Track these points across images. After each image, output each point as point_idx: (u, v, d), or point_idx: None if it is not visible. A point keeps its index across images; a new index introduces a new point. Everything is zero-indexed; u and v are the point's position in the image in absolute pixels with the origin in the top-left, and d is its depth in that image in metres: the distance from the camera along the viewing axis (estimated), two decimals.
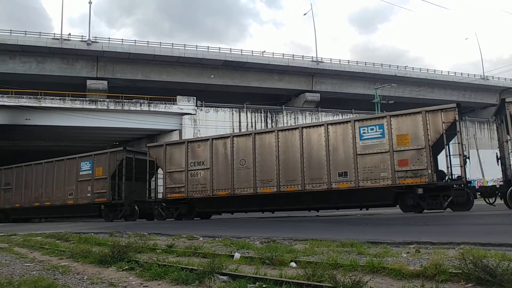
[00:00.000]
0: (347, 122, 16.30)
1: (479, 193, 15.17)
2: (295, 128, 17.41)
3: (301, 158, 16.72)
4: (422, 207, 14.66)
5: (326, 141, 16.30)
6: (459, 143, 14.86)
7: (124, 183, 21.08)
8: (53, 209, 23.93)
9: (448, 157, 15.30)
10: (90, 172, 22.14)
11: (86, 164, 22.50)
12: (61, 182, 23.42)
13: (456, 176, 14.81)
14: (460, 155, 14.75)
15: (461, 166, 14.54)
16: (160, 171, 20.50)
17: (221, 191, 18.39)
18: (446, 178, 14.97)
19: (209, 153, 18.77)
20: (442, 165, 15.70)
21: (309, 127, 17.33)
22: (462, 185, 14.42)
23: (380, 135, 15.43)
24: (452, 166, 15.10)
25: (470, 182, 15.30)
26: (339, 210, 18.84)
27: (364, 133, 15.72)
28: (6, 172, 26.98)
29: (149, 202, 20.70)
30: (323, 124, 16.81)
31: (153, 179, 21.18)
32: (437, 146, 15.12)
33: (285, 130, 17.85)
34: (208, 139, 19.14)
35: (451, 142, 15.60)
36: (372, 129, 15.64)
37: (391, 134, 15.17)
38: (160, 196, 20.16)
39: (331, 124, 16.64)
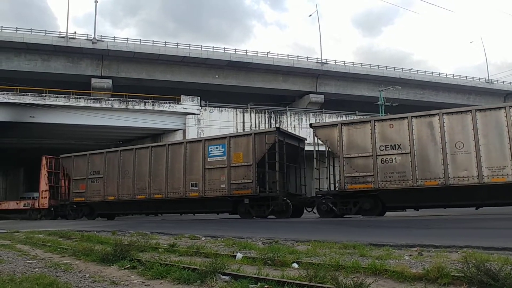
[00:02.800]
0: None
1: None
2: None
3: None
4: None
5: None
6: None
7: (277, 172, 17.65)
8: (166, 203, 20.38)
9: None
10: (224, 158, 18.53)
11: (216, 148, 18.94)
12: (179, 170, 19.69)
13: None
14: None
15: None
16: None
17: (429, 181, 14.83)
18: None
19: (408, 134, 15.32)
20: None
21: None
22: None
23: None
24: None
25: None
26: None
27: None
28: (94, 158, 23.14)
29: (305, 197, 18.87)
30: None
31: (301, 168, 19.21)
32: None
33: None
34: (406, 117, 15.57)
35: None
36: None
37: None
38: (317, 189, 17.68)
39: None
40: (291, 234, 9.09)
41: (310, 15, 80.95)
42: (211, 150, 18.83)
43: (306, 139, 20.38)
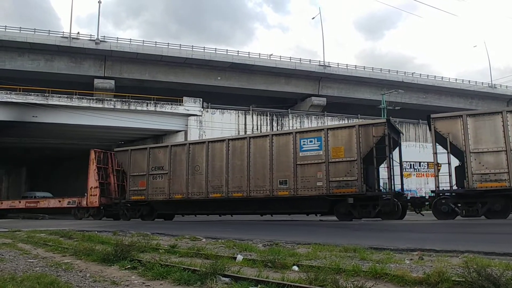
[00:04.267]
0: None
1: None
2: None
3: None
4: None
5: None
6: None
7: (388, 168, 16.33)
8: (247, 203, 18.37)
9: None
10: (320, 152, 16.65)
11: (310, 141, 17.10)
12: (263, 166, 17.81)
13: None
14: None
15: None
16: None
17: None
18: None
19: None
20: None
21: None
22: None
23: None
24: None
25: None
26: None
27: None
28: (156, 153, 21.05)
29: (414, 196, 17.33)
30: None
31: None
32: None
33: None
34: None
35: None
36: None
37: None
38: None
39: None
40: (291, 236, 9.10)
41: (313, 18, 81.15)
42: (304, 144, 16.95)
43: (402, 133, 18.43)
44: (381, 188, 16.43)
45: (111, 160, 23.55)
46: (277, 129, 41.27)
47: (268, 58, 46.33)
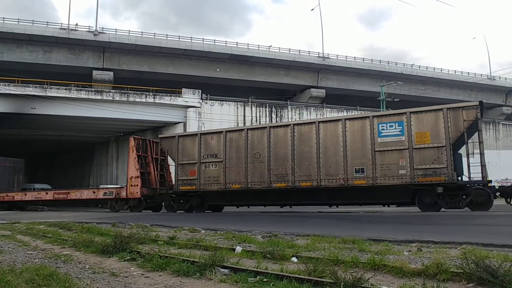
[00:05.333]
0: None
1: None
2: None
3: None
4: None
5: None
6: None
7: (482, 155, 14.87)
8: (317, 193, 17.03)
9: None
10: (402, 137, 15.41)
11: (391, 126, 15.81)
12: (336, 153, 16.45)
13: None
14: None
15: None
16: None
17: None
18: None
19: None
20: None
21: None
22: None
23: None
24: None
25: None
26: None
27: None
28: (208, 139, 19.47)
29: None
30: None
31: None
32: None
33: None
34: None
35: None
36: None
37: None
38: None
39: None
40: (290, 228, 9.12)
41: (312, 9, 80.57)
42: (383, 129, 15.66)
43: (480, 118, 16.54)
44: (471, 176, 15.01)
45: (150, 148, 22.19)
46: (276, 121, 41.27)
47: (267, 49, 46.17)
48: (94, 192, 24.42)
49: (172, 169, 21.81)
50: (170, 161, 22.22)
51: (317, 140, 16.72)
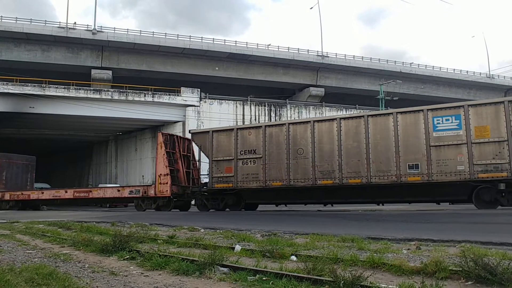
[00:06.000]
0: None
1: None
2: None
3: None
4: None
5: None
6: None
7: None
8: (368, 190, 16.32)
9: None
10: (460, 132, 14.76)
11: (447, 120, 15.15)
12: (387, 149, 15.74)
13: None
14: None
15: None
16: None
17: None
18: None
19: None
20: None
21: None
22: None
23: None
24: None
25: None
26: None
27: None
28: (245, 134, 18.56)
29: None
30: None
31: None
32: None
33: None
34: None
35: None
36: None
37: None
38: None
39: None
40: (289, 227, 9.12)
41: (311, 8, 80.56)
42: (438, 123, 14.96)
43: None
44: None
45: (178, 144, 21.17)
46: (275, 120, 41.29)
47: (266, 48, 46.17)
48: (118, 191, 23.30)
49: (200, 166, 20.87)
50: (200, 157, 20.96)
51: (366, 135, 16.01)
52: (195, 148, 20.64)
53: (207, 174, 19.39)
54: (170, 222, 11.01)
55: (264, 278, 3.90)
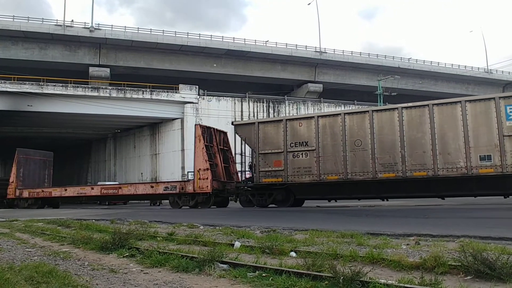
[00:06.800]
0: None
1: None
2: None
3: None
4: None
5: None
6: None
7: None
8: (434, 183, 15.23)
9: None
10: None
11: None
12: (455, 139, 14.82)
13: None
14: None
15: None
16: None
17: None
18: None
19: None
20: None
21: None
22: None
23: None
24: None
25: None
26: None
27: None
28: (295, 125, 17.52)
29: None
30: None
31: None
32: None
33: None
34: None
35: None
36: None
37: None
38: None
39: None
40: (289, 223, 9.13)
41: (308, 4, 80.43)
42: (511, 111, 14.08)
43: None
44: None
45: (215, 138, 20.25)
46: (274, 116, 41.27)
47: (264, 44, 46.11)
48: (152, 187, 22.22)
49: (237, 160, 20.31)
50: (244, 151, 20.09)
51: (432, 125, 15.06)
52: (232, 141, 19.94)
53: (248, 170, 18.84)
54: (170, 219, 11.02)
55: (263, 275, 3.90)
